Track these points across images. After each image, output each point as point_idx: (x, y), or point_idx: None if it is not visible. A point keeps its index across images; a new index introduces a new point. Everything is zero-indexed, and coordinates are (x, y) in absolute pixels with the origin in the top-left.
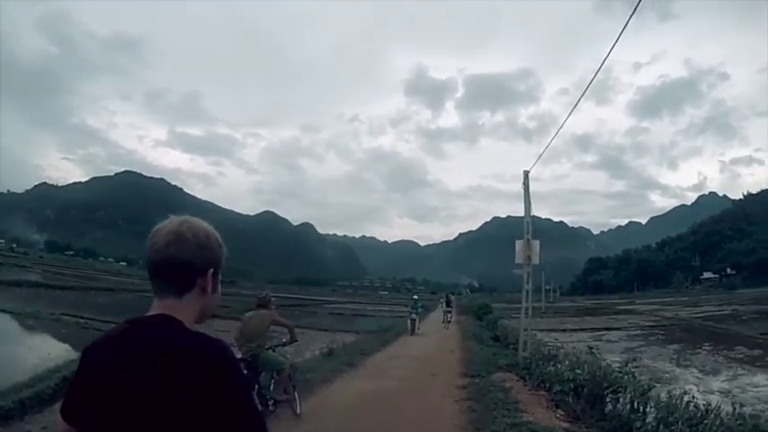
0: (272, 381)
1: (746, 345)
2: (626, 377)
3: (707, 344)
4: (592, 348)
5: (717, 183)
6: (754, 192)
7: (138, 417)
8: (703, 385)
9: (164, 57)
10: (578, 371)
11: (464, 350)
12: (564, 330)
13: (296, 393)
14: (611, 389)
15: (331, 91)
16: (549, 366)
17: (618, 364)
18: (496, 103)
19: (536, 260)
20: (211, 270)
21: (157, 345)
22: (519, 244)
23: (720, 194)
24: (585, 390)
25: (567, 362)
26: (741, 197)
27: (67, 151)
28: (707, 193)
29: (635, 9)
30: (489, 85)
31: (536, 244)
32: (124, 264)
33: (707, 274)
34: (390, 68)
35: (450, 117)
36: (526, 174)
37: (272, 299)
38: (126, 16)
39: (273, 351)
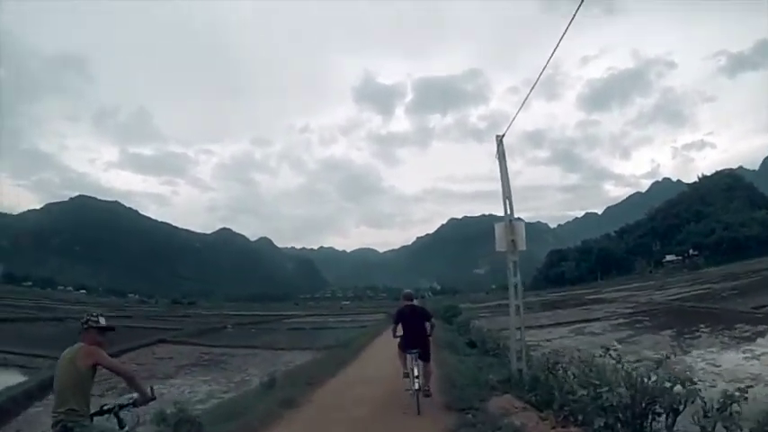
0: None
1: (746, 321)
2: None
3: (702, 325)
4: (609, 350)
5: (670, 169)
6: (708, 174)
7: (415, 320)
8: (727, 374)
9: (110, 74)
10: (620, 390)
11: (439, 364)
12: (540, 327)
13: None
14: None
15: (279, 102)
16: (558, 379)
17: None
18: (446, 104)
19: (522, 245)
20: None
21: (417, 308)
22: (499, 227)
23: (674, 179)
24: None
25: (587, 371)
26: (696, 180)
27: (20, 177)
28: (660, 179)
29: (580, 4)
30: (438, 88)
31: (520, 226)
32: (83, 292)
33: (669, 257)
34: (338, 76)
35: (400, 122)
36: (500, 140)
37: (96, 319)
38: (69, 32)
39: (116, 415)
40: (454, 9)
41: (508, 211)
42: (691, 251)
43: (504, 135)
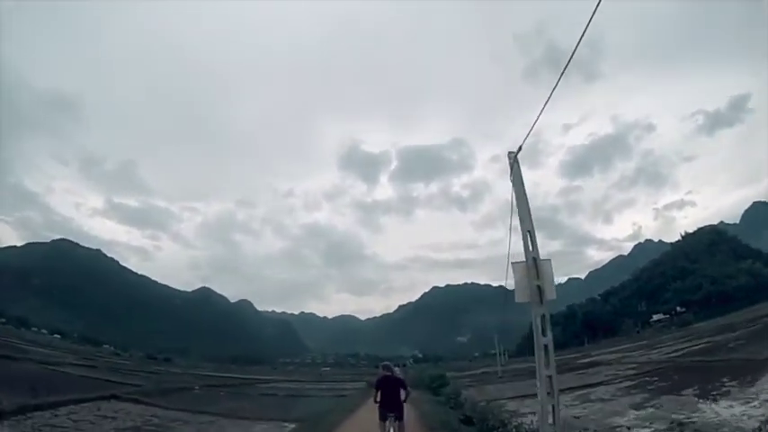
0: None
1: None
2: None
3: (725, 379)
4: (682, 424)
5: (651, 230)
6: (691, 231)
7: (392, 388)
8: None
9: (101, 120)
10: None
11: None
12: (536, 395)
13: None
14: None
15: (265, 165)
16: None
17: None
18: (430, 173)
19: (552, 293)
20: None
21: (393, 378)
22: (519, 269)
23: (656, 240)
24: None
25: None
26: (679, 238)
27: (2, 212)
28: (642, 240)
29: (560, 77)
30: (422, 156)
31: (548, 266)
32: (58, 336)
33: (656, 317)
34: (323, 143)
35: (384, 190)
36: (514, 157)
37: None
38: (65, 72)
39: None
40: (439, 79)
41: (530, 248)
42: (678, 308)
43: (518, 151)
